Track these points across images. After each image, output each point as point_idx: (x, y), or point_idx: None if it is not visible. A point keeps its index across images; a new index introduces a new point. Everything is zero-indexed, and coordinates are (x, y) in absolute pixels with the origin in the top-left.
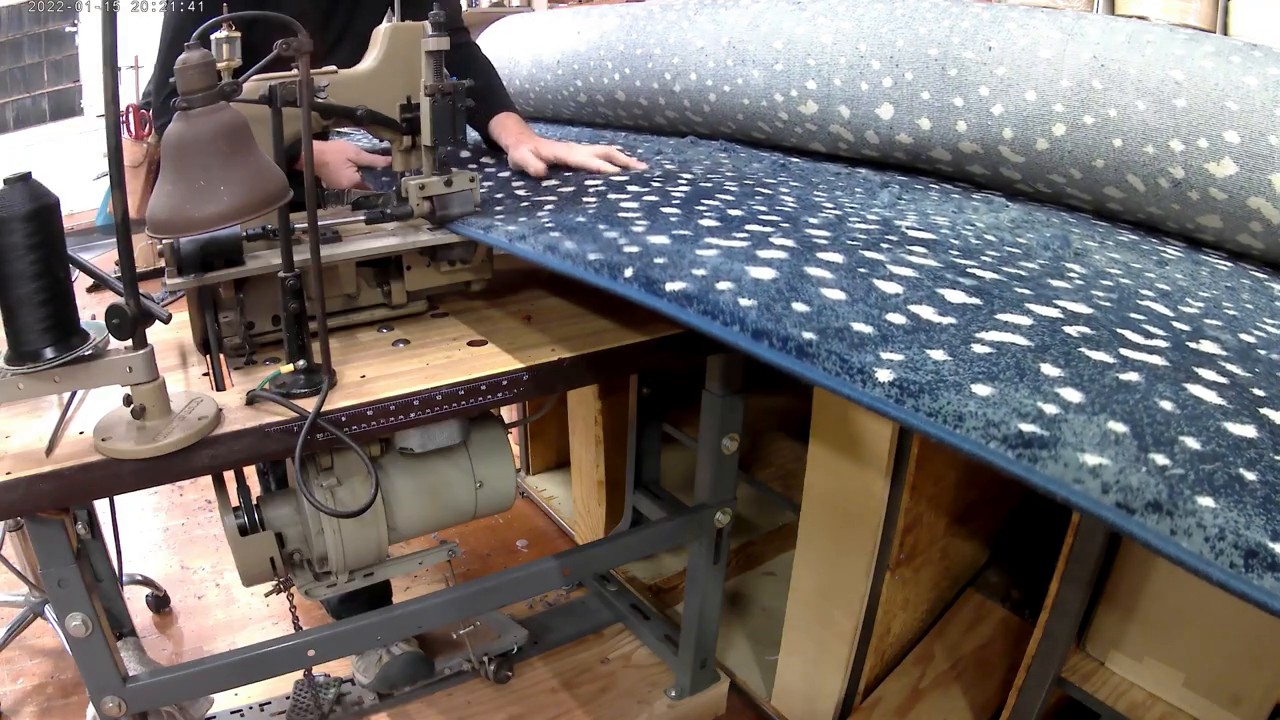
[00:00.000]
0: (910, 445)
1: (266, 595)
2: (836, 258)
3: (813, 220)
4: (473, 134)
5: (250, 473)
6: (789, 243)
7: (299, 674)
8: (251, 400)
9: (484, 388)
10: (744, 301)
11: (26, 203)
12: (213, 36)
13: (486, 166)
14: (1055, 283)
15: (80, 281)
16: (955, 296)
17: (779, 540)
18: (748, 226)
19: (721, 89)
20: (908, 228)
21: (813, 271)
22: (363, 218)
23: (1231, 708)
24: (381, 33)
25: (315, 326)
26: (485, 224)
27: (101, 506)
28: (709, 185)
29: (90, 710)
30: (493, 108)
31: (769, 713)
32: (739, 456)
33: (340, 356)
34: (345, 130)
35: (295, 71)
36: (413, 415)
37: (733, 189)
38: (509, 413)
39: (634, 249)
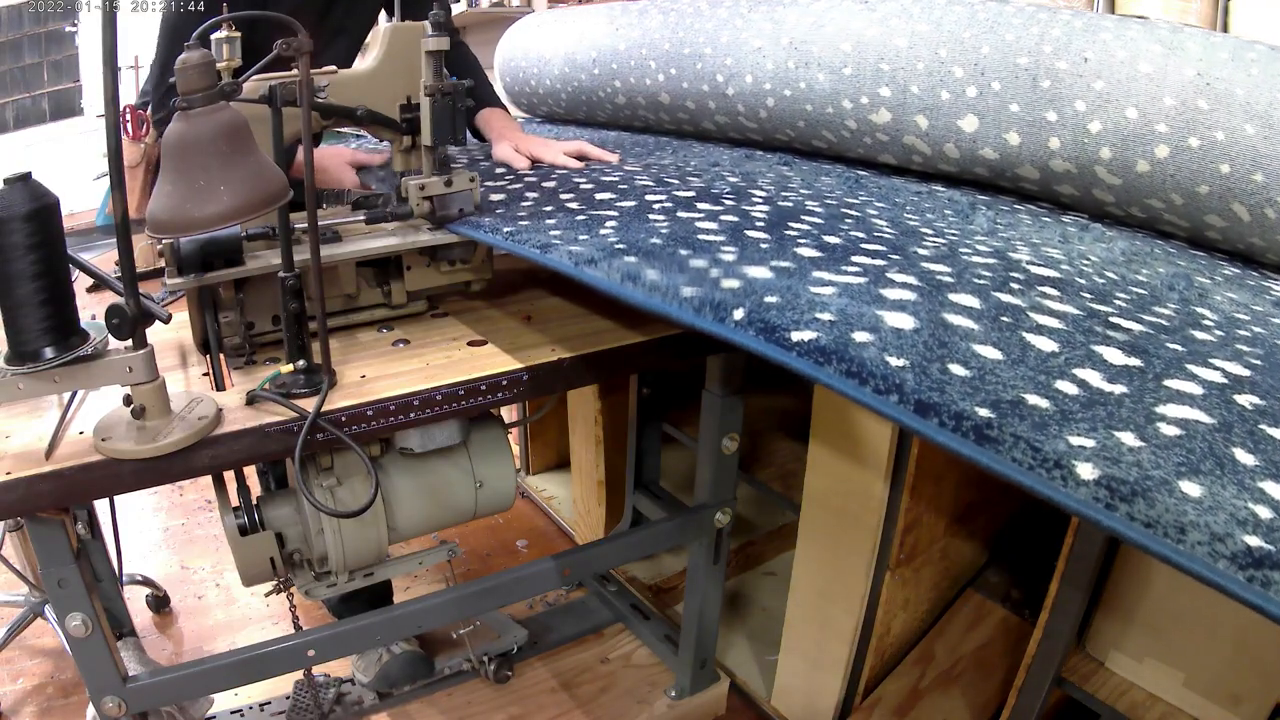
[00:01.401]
0: (910, 446)
1: (266, 595)
2: (971, 301)
3: (922, 251)
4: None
5: (250, 473)
6: (911, 280)
7: (299, 674)
8: (251, 400)
9: (484, 388)
10: (893, 360)
11: (26, 203)
12: (213, 36)
13: (526, 176)
14: (1199, 335)
15: (80, 281)
16: (1114, 356)
17: (779, 540)
18: (855, 258)
19: (781, 93)
20: (1027, 262)
21: (954, 320)
22: (363, 218)
23: (1231, 708)
24: (381, 33)
25: (315, 326)
26: (541, 241)
27: (101, 506)
28: (789, 205)
29: (90, 710)
30: (479, 102)
31: (769, 713)
32: (739, 456)
33: (340, 356)
34: (344, 130)
35: (295, 71)
36: (413, 415)
37: (816, 209)
38: (509, 413)
39: (734, 283)
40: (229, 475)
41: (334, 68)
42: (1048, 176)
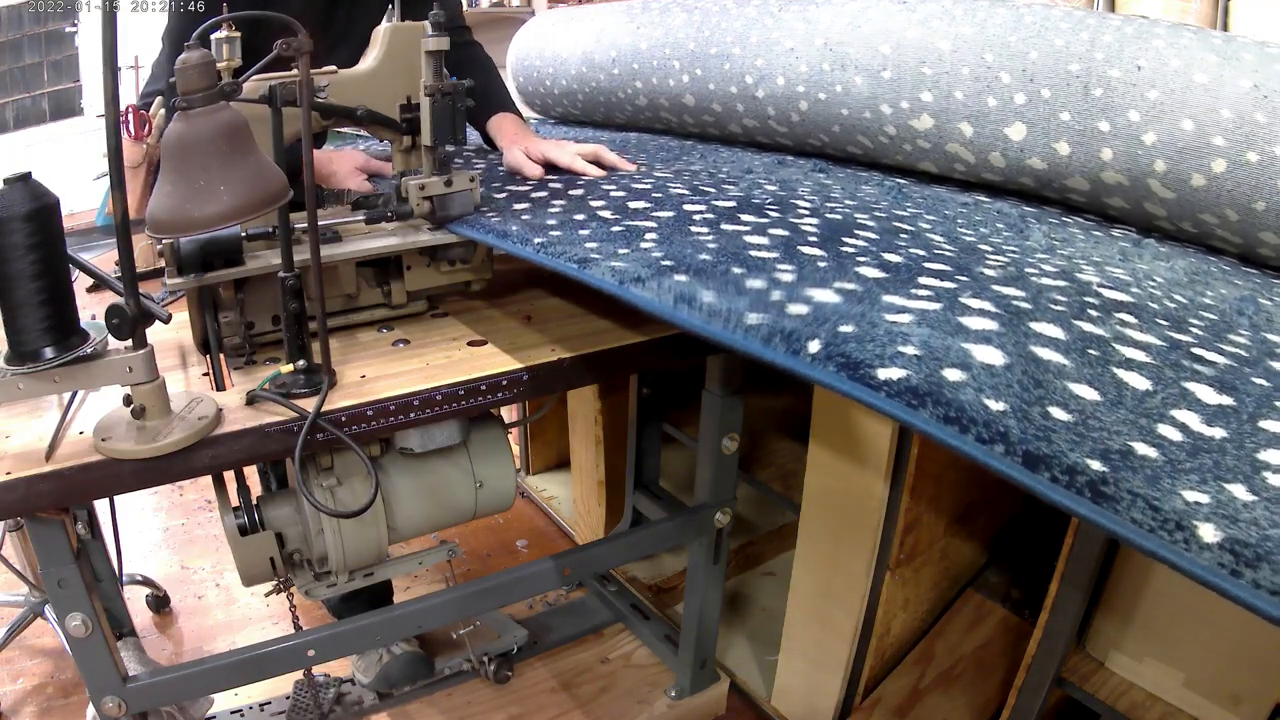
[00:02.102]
0: (910, 446)
1: (266, 595)
2: (1055, 332)
3: (989, 272)
4: (474, 135)
5: (250, 472)
6: (988, 306)
7: (299, 674)
8: (251, 400)
9: (484, 388)
10: (992, 404)
11: (26, 203)
12: (213, 36)
13: (550, 182)
14: (1279, 366)
15: (80, 281)
16: (1206, 394)
17: (779, 540)
18: (922, 279)
19: (815, 96)
20: (1098, 285)
21: (1043, 354)
22: (363, 218)
23: (1231, 708)
24: (381, 33)
25: (315, 326)
26: (578, 255)
27: (101, 506)
28: (838, 218)
29: (90, 710)
30: (491, 108)
31: (769, 713)
32: (739, 456)
33: (340, 356)
34: (345, 130)
35: (295, 71)
36: (413, 415)
37: (867, 223)
38: (509, 413)
39: (801, 309)
40: (229, 475)
41: (334, 68)
42: (1098, 189)
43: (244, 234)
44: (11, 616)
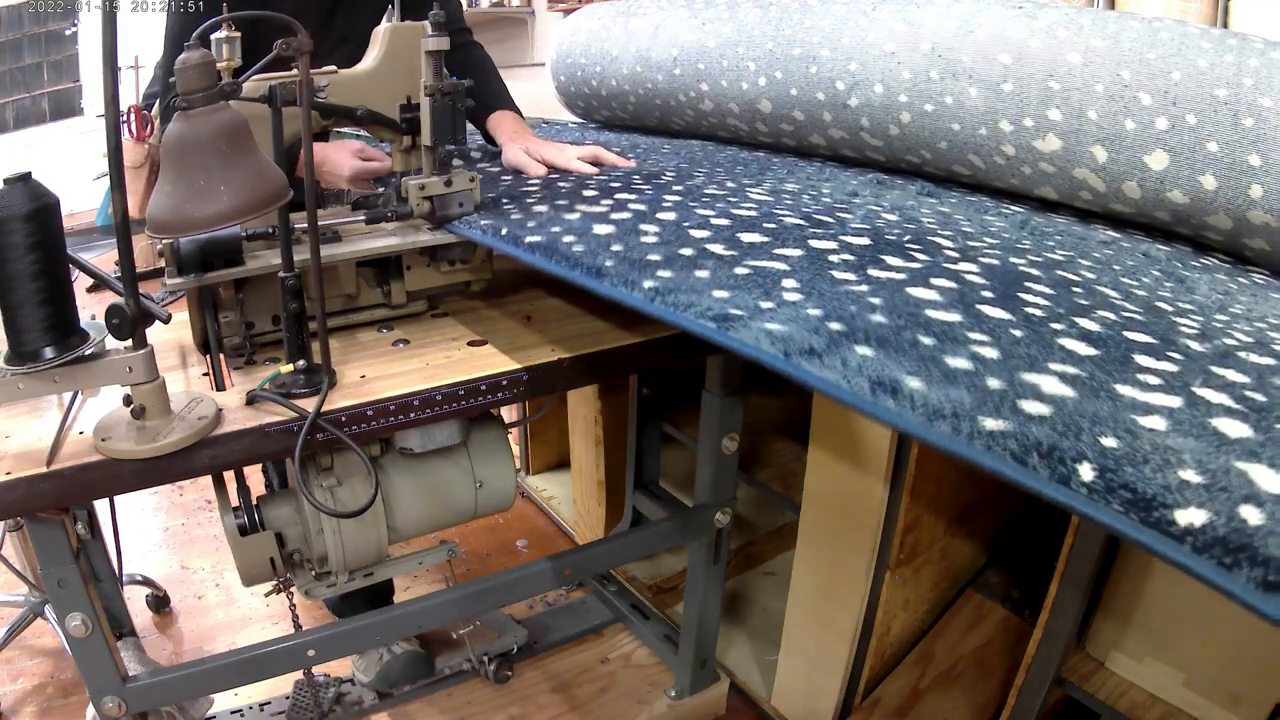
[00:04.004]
0: (909, 447)
1: (266, 595)
2: None
3: (1193, 345)
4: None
5: (250, 472)
6: (1226, 400)
7: (299, 674)
8: (251, 400)
9: (484, 388)
10: None
11: (26, 203)
12: (213, 36)
13: (631, 204)
14: None
15: (80, 281)
16: None
17: (779, 540)
18: (1137, 359)
19: (921, 108)
20: None
21: None
22: (363, 218)
23: (1231, 708)
24: (381, 33)
25: (315, 326)
26: (714, 310)
27: (101, 506)
28: (994, 263)
29: (90, 710)
30: (491, 105)
31: (769, 713)
32: (739, 456)
33: (340, 356)
34: (345, 130)
35: (295, 71)
36: (413, 415)
37: (1031, 272)
38: (509, 413)
39: (1039, 409)
40: (229, 475)
41: (334, 67)
42: (1241, 228)
43: (244, 234)
44: (11, 616)
